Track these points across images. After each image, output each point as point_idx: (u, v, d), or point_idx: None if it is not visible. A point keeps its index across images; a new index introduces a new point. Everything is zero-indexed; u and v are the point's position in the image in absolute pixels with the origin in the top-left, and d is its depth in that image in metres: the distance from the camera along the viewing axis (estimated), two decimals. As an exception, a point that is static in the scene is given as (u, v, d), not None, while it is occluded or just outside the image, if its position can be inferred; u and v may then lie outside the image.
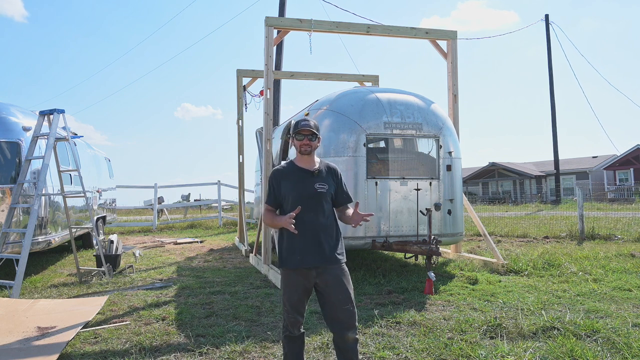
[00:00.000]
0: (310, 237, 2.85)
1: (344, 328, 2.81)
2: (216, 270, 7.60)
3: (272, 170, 3.06)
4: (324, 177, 2.96)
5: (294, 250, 2.85)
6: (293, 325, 2.90)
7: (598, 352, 3.50)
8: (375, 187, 6.41)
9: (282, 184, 2.94)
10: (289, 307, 2.88)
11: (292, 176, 2.95)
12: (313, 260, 2.83)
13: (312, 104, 7.77)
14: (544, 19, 28.03)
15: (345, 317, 2.81)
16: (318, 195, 2.88)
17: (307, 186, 2.90)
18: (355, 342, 2.86)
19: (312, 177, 2.92)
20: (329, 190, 2.94)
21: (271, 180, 3.00)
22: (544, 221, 14.56)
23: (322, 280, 2.85)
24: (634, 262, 7.22)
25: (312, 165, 2.97)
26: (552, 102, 27.73)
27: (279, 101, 15.36)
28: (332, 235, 2.93)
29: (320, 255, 2.84)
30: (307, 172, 2.94)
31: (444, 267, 7.15)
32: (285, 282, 2.92)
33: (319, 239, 2.86)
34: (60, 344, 3.89)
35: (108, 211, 12.36)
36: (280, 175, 2.97)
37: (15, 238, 6.52)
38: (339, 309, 2.82)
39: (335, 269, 2.86)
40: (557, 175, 28.71)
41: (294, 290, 2.87)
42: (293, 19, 7.64)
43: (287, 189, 2.92)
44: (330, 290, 2.83)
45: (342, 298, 2.82)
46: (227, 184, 17.79)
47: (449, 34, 8.09)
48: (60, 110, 6.61)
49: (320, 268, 2.84)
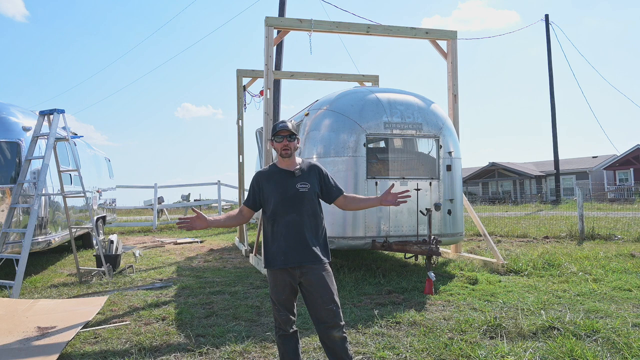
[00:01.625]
0: (294, 237, 2.89)
1: (329, 328, 2.86)
2: (216, 270, 7.60)
3: (255, 173, 3.11)
4: (306, 177, 3.00)
5: (279, 250, 2.90)
6: (285, 323, 2.93)
7: (598, 352, 3.50)
8: (375, 187, 6.41)
9: (263, 186, 3.00)
10: (279, 305, 2.93)
11: (273, 178, 3.00)
12: (297, 260, 2.87)
13: (312, 104, 7.76)
14: (544, 19, 28.04)
15: (329, 317, 2.85)
16: (300, 194, 2.93)
17: (289, 187, 2.95)
18: (342, 341, 2.88)
19: (293, 177, 2.98)
20: (312, 189, 2.98)
21: (253, 182, 3.06)
22: (544, 221, 14.56)
23: (306, 280, 2.89)
24: (634, 262, 7.22)
25: (293, 166, 3.02)
26: (552, 102, 27.74)
27: (279, 101, 15.35)
28: (316, 234, 2.97)
29: (304, 255, 2.89)
30: (288, 173, 2.99)
31: (444, 267, 7.15)
32: (272, 281, 2.97)
33: (303, 239, 2.90)
34: (60, 344, 3.89)
35: (108, 211, 12.37)
36: (262, 178, 3.03)
37: (15, 238, 6.52)
38: (322, 309, 2.86)
39: (319, 269, 2.91)
40: (557, 175, 28.71)
41: (280, 289, 2.92)
42: (293, 19, 7.65)
43: (269, 190, 2.97)
44: (313, 290, 2.88)
45: (325, 299, 2.86)
46: (227, 184, 17.84)
47: (449, 34, 8.09)
48: (60, 110, 6.61)
49: (304, 267, 2.89)
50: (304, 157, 6.72)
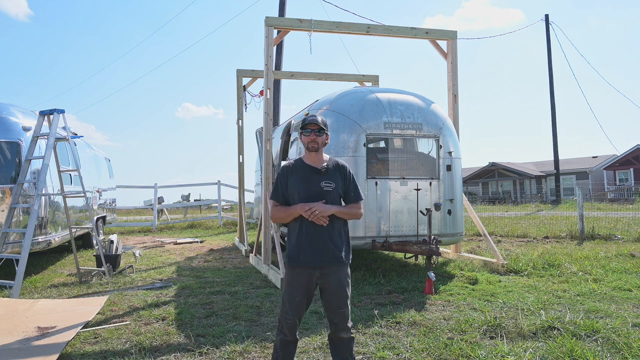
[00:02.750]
0: (316, 236, 2.83)
1: (339, 330, 2.91)
2: (216, 270, 7.60)
3: (281, 167, 3.04)
4: (332, 175, 2.92)
5: (300, 248, 2.84)
6: (290, 328, 2.87)
7: (598, 352, 3.50)
8: (375, 187, 6.41)
9: (289, 180, 2.92)
10: (289, 308, 2.87)
11: (299, 173, 2.92)
12: (318, 260, 2.83)
13: (312, 104, 7.76)
14: (544, 19, 28.03)
15: (340, 320, 2.89)
16: (324, 193, 2.86)
17: (314, 184, 2.87)
18: (349, 341, 2.94)
19: (319, 175, 2.89)
20: (336, 188, 2.91)
21: (279, 176, 2.98)
22: (544, 221, 14.56)
23: (325, 281, 2.86)
24: (634, 262, 7.22)
25: (320, 162, 2.93)
26: (552, 102, 27.74)
27: (279, 101, 15.35)
28: (339, 235, 2.92)
29: (325, 255, 2.84)
30: (314, 170, 2.91)
31: (444, 267, 7.15)
32: (288, 280, 2.92)
33: (325, 239, 2.84)
34: (60, 344, 3.89)
35: (108, 211, 12.36)
36: (289, 172, 2.95)
37: (15, 238, 6.52)
38: (336, 312, 2.88)
39: (338, 271, 2.87)
40: (557, 175, 28.71)
41: (296, 289, 2.86)
42: (293, 19, 7.64)
43: (293, 186, 2.90)
44: (331, 292, 2.87)
45: (340, 304, 2.87)
46: (227, 184, 17.81)
47: (449, 34, 8.09)
48: (60, 110, 6.61)
49: (325, 268, 2.84)
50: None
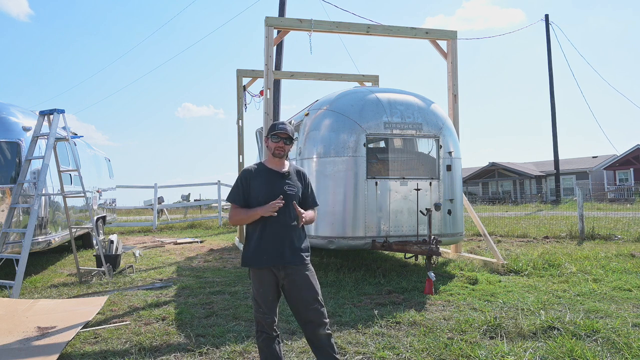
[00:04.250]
0: (278, 238, 2.91)
1: (316, 326, 2.90)
2: (216, 270, 7.60)
3: (242, 170, 3.09)
4: (293, 180, 3.04)
5: (262, 250, 2.90)
6: (270, 325, 2.93)
7: (598, 352, 3.50)
8: (375, 187, 6.41)
9: (251, 184, 2.99)
10: (265, 307, 2.92)
11: (262, 177, 3.00)
12: (281, 260, 2.89)
13: (312, 104, 7.76)
14: (544, 19, 28.03)
15: (315, 316, 2.89)
16: (287, 196, 2.93)
17: (277, 187, 2.95)
18: (328, 337, 2.93)
19: (282, 178, 3.00)
20: (298, 192, 3.02)
21: (240, 179, 3.02)
22: (544, 221, 14.56)
23: (290, 281, 2.91)
24: (634, 262, 7.22)
25: (281, 167, 3.04)
26: (552, 102, 27.74)
27: (279, 101, 15.35)
28: (299, 235, 2.99)
29: (287, 255, 2.90)
30: (277, 174, 3.01)
31: (444, 267, 7.15)
32: (257, 282, 2.95)
33: (286, 239, 2.92)
34: (60, 344, 3.89)
35: (108, 211, 12.36)
36: (250, 176, 3.01)
37: (15, 238, 6.52)
38: (308, 309, 2.89)
39: (302, 269, 2.93)
40: (557, 175, 28.71)
41: (267, 288, 2.92)
42: (293, 19, 7.65)
43: (256, 189, 2.96)
44: (298, 290, 2.91)
45: (311, 300, 2.89)
46: (227, 184, 17.78)
47: (449, 34, 8.09)
48: (60, 110, 6.61)
49: (288, 268, 2.91)
50: (304, 157, 6.72)
